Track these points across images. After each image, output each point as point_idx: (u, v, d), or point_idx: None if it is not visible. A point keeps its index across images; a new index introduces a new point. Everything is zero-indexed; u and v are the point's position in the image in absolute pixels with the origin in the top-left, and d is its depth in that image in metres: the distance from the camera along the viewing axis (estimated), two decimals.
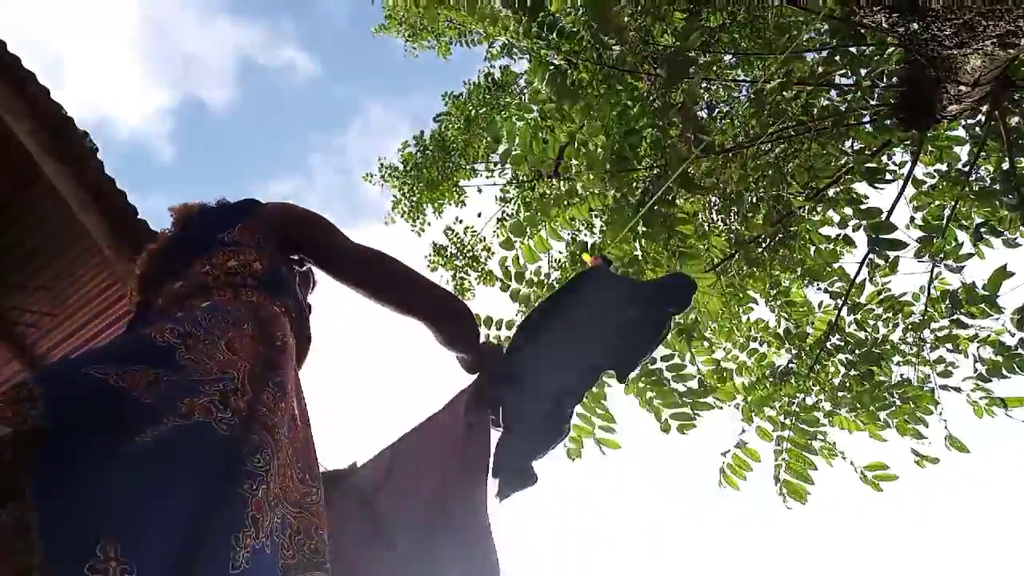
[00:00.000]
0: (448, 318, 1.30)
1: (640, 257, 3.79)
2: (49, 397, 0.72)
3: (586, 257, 2.07)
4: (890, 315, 3.69)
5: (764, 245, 3.71)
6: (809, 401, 3.74)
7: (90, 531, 0.63)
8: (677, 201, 3.51)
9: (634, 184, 3.57)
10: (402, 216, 8.05)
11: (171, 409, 0.78)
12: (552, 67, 3.26)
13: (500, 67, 7.39)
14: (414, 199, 7.91)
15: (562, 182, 3.96)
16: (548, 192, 3.80)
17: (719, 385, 3.82)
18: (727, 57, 4.03)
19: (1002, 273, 2.90)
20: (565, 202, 3.69)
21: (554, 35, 3.14)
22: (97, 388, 0.75)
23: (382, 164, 8.03)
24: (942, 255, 3.35)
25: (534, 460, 1.52)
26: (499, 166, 7.88)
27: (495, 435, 1.54)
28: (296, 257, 1.23)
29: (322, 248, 1.24)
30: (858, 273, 3.63)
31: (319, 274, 1.31)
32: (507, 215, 6.95)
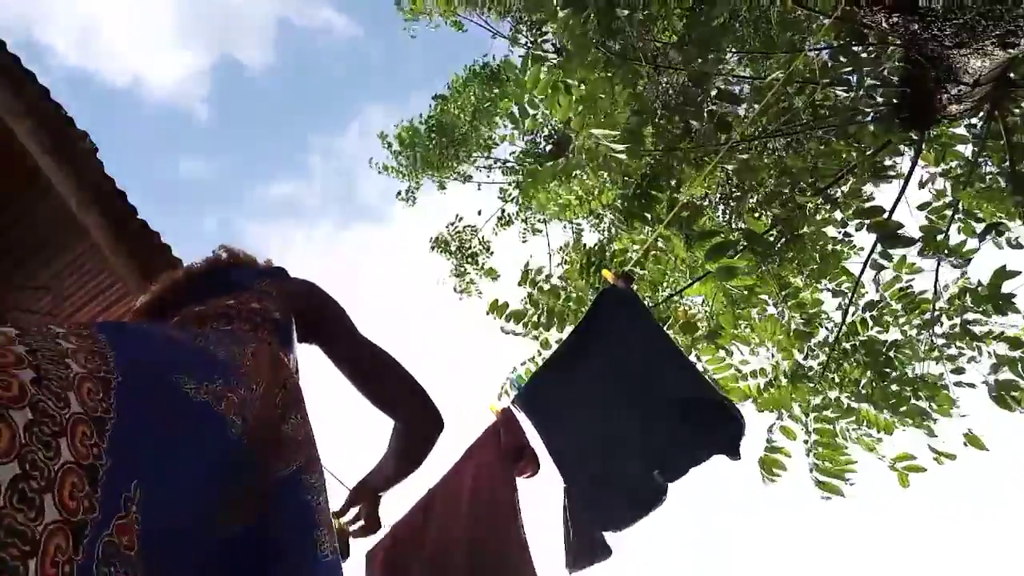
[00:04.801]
0: (422, 436, 1.30)
1: (648, 242, 3.76)
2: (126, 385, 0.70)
3: (606, 274, 1.98)
4: (905, 314, 3.65)
5: (775, 243, 3.66)
6: (831, 396, 3.69)
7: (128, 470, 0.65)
8: (680, 191, 3.49)
9: (638, 171, 3.55)
10: (401, 197, 8.00)
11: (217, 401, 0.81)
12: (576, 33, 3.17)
13: (499, 60, 7.35)
14: (414, 178, 7.86)
15: (562, 159, 3.95)
16: (553, 163, 3.80)
17: (732, 385, 3.77)
18: (730, 56, 4.00)
19: (1002, 274, 2.88)
20: (569, 174, 3.67)
21: None
22: (180, 396, 0.76)
23: (399, 127, 7.96)
24: (946, 251, 3.32)
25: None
26: (499, 163, 7.86)
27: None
28: (302, 332, 1.27)
29: (331, 329, 1.30)
30: (862, 273, 3.60)
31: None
32: (507, 214, 6.95)
